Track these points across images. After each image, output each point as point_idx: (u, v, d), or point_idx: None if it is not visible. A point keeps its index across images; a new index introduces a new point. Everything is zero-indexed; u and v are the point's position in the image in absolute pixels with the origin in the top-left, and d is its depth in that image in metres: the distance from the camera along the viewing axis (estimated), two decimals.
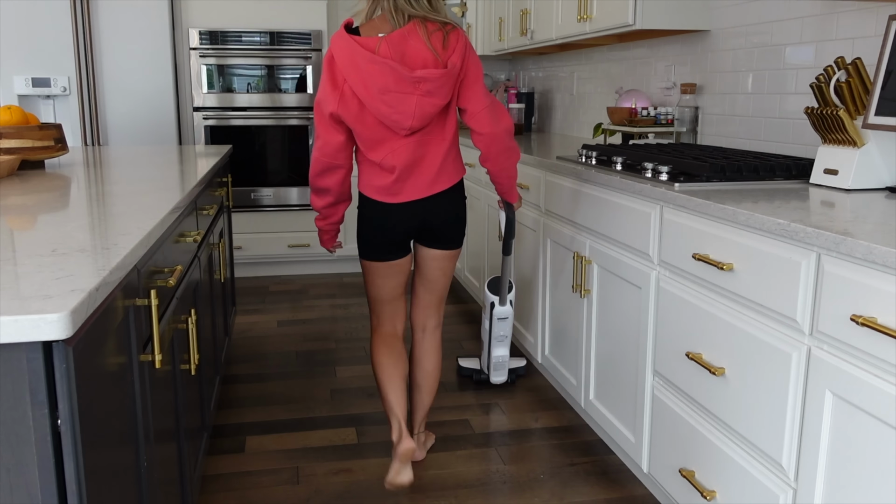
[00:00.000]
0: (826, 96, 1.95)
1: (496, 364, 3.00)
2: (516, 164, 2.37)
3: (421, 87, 1.96)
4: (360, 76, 1.95)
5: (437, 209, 2.15)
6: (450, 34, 2.02)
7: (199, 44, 4.33)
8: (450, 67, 1.99)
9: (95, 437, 1.04)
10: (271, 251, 4.69)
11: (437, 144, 2.09)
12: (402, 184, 2.09)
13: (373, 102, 1.97)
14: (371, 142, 2.06)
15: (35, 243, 1.24)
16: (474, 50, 2.22)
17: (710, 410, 1.81)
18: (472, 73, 2.06)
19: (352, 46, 1.95)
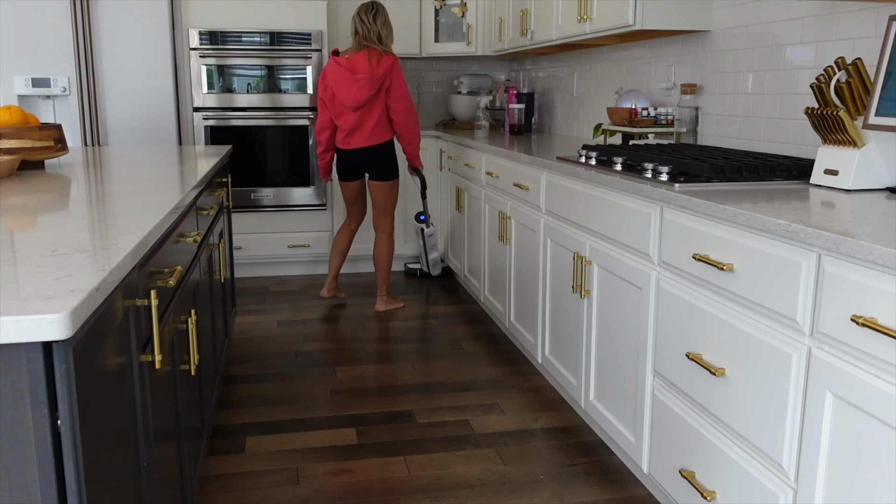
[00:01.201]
0: (826, 97, 1.95)
1: (433, 263, 4.58)
2: (417, 144, 3.87)
3: (357, 83, 3.63)
4: (333, 77, 3.71)
5: (369, 154, 3.80)
6: (382, 57, 3.63)
7: (199, 44, 4.33)
8: (375, 74, 3.60)
9: (95, 438, 1.04)
10: (271, 251, 4.68)
11: (370, 118, 3.72)
12: (350, 137, 3.78)
13: (337, 91, 3.70)
14: (336, 114, 3.80)
15: (35, 243, 1.24)
16: (401, 71, 3.78)
17: (710, 411, 1.81)
18: (395, 84, 3.66)
19: (332, 62, 3.73)
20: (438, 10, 4.97)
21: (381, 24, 3.66)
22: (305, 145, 4.58)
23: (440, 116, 5.50)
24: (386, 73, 3.59)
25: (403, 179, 4.77)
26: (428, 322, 3.86)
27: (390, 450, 2.50)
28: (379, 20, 3.69)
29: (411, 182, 4.81)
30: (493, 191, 3.59)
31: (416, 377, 3.12)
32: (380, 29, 3.64)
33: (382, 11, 3.72)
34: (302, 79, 4.52)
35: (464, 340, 3.58)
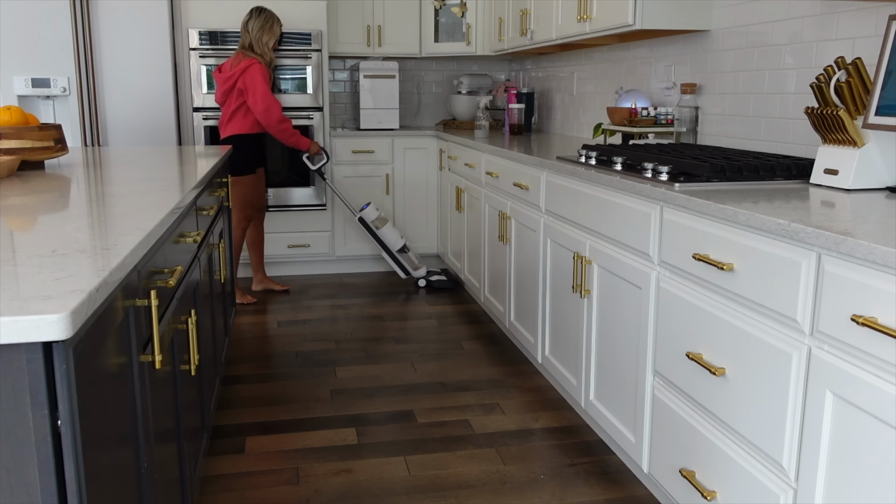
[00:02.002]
0: (826, 96, 1.95)
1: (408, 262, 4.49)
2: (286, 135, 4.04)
3: (219, 82, 4.02)
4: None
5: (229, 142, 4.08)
6: (242, 61, 3.93)
7: (198, 44, 4.33)
8: (229, 76, 3.94)
9: (95, 438, 1.04)
10: (271, 251, 4.69)
11: (226, 114, 4.05)
12: (222, 127, 4.10)
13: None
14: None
15: (35, 244, 1.24)
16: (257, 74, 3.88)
17: (710, 411, 1.81)
18: (249, 87, 3.91)
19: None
20: (438, 9, 4.97)
21: (254, 31, 3.96)
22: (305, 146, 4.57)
23: (440, 116, 5.50)
24: (237, 75, 3.90)
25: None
26: (428, 322, 3.86)
27: (390, 450, 2.50)
28: (254, 27, 3.98)
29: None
30: (493, 191, 3.59)
31: (416, 377, 3.12)
32: (252, 36, 3.97)
33: (258, 18, 3.98)
34: (302, 79, 4.52)
35: (464, 340, 3.58)
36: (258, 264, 4.37)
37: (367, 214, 4.36)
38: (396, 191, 4.83)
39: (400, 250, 4.42)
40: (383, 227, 4.38)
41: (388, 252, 4.42)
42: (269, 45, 4.01)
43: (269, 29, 3.99)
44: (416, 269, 4.49)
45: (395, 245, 4.41)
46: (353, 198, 4.78)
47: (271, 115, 3.91)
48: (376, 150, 4.75)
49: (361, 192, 4.78)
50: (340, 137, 4.70)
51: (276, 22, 4.02)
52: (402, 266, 4.46)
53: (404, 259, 4.48)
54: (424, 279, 4.50)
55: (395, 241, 4.40)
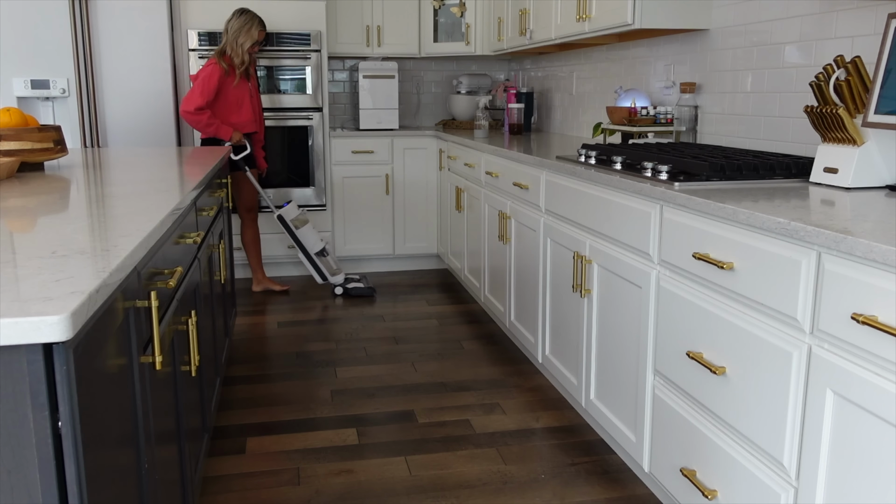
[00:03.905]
0: (825, 95, 1.95)
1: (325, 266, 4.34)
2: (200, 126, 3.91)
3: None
4: None
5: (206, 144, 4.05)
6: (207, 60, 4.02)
7: (198, 45, 4.33)
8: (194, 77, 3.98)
9: (96, 439, 1.04)
10: (271, 252, 4.68)
11: None
12: None
13: None
14: None
15: (35, 245, 1.24)
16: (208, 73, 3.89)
17: (710, 409, 1.81)
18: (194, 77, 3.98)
19: None
20: (437, 9, 4.97)
21: (231, 32, 3.97)
22: (305, 146, 4.58)
23: (440, 116, 5.50)
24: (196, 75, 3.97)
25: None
26: (428, 322, 3.86)
27: (391, 450, 2.50)
28: (232, 28, 3.98)
29: None
30: (493, 190, 3.59)
31: (416, 377, 3.12)
32: (228, 36, 3.98)
33: (237, 19, 3.98)
34: (301, 79, 4.52)
35: (464, 340, 3.58)
36: (256, 265, 4.38)
37: (287, 212, 4.20)
38: (396, 191, 4.83)
39: (318, 253, 4.26)
40: (303, 228, 4.22)
41: (305, 254, 4.27)
42: (244, 47, 3.97)
43: (248, 31, 3.97)
44: (333, 274, 4.33)
45: (313, 247, 4.24)
46: (353, 199, 4.78)
47: (185, 104, 3.85)
48: (376, 151, 4.75)
49: (361, 192, 4.78)
50: (340, 138, 4.70)
51: (257, 25, 3.99)
52: (319, 270, 4.29)
53: (322, 263, 4.31)
54: (341, 286, 4.33)
55: (313, 244, 4.24)
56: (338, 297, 4.32)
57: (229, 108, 4.00)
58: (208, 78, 3.89)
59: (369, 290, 4.32)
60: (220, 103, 3.97)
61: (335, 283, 4.33)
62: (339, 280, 4.33)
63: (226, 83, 3.95)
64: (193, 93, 3.87)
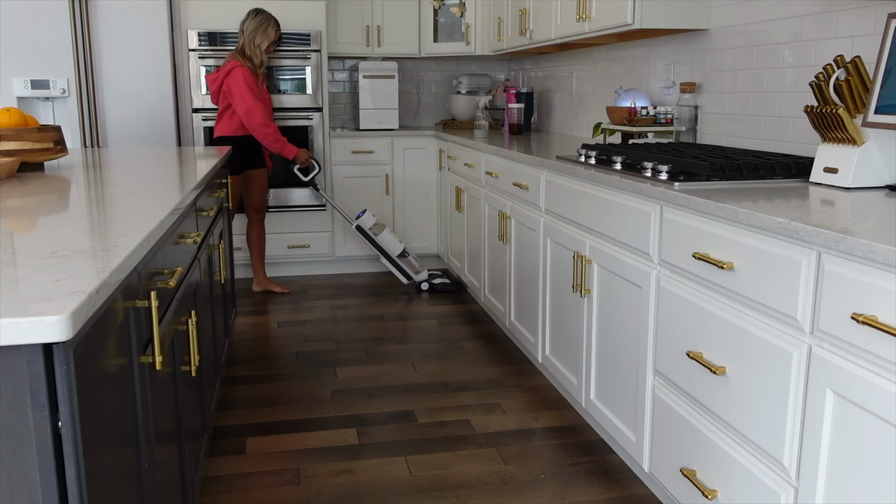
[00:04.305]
0: (825, 95, 1.95)
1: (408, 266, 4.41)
2: (269, 140, 4.00)
3: (209, 83, 4.06)
4: None
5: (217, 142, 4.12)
6: (228, 63, 3.96)
7: (197, 45, 4.33)
8: (216, 77, 3.99)
9: (96, 439, 1.04)
10: (271, 252, 4.68)
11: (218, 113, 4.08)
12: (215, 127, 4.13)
13: None
14: None
15: (35, 245, 1.24)
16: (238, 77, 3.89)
17: (710, 409, 1.81)
18: (231, 91, 3.93)
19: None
20: (437, 9, 4.97)
21: (248, 32, 3.99)
22: (305, 146, 4.58)
23: (439, 116, 5.50)
24: (222, 77, 3.96)
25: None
26: (428, 322, 3.86)
27: (391, 450, 2.50)
28: (248, 28, 3.99)
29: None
30: (493, 190, 3.59)
31: (416, 377, 3.12)
32: (245, 37, 4.00)
33: (253, 19, 3.99)
34: (301, 79, 4.52)
35: (464, 340, 3.58)
36: (258, 265, 4.37)
37: (365, 221, 4.32)
38: (396, 191, 4.83)
39: (400, 255, 4.38)
40: (382, 234, 4.33)
41: (388, 258, 4.38)
42: (261, 48, 4.00)
43: (264, 31, 3.99)
44: (417, 272, 4.43)
45: (394, 250, 4.36)
46: (353, 199, 4.78)
47: (253, 119, 3.92)
48: (376, 151, 4.75)
49: (361, 192, 4.78)
50: (340, 138, 4.70)
51: (273, 25, 4.01)
52: (404, 271, 4.41)
53: (405, 263, 4.42)
54: (427, 282, 4.44)
55: (394, 247, 4.36)
56: (423, 292, 4.42)
57: None
58: (247, 83, 3.89)
59: (455, 286, 4.41)
60: None
61: (420, 280, 4.44)
62: (423, 277, 4.44)
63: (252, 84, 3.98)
64: (247, 103, 3.88)
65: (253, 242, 4.33)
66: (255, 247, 4.34)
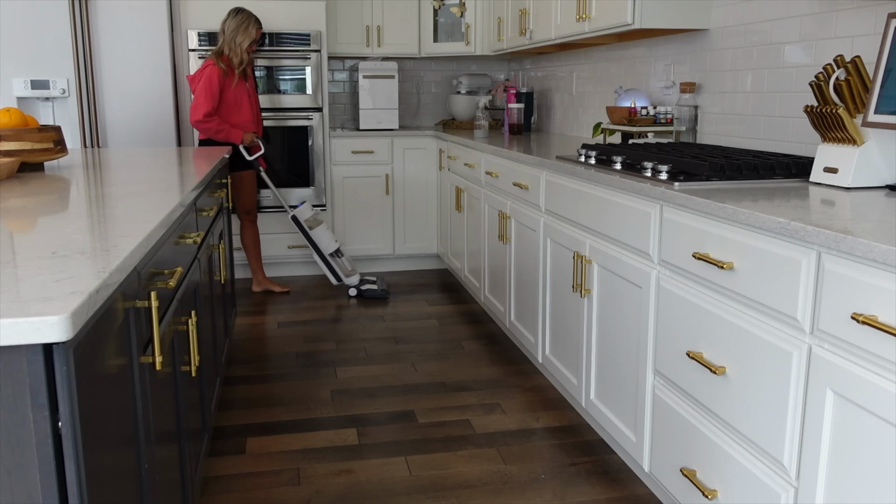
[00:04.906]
0: (825, 95, 1.95)
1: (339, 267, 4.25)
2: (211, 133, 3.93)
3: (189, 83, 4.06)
4: None
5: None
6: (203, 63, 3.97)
7: (197, 45, 4.33)
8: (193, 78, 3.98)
9: (96, 439, 1.04)
10: (271, 252, 4.68)
11: None
12: None
13: None
14: None
15: (35, 245, 1.24)
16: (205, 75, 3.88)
17: (711, 409, 1.81)
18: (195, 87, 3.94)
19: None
20: (437, 9, 4.97)
21: (229, 31, 3.96)
22: (305, 146, 4.58)
23: (439, 116, 5.50)
24: (197, 77, 3.95)
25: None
26: (428, 322, 3.86)
27: (391, 450, 2.50)
28: (229, 27, 3.97)
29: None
30: (493, 190, 3.59)
31: (416, 377, 3.12)
32: (226, 36, 3.98)
33: (234, 18, 3.97)
34: (301, 79, 4.52)
35: (464, 340, 3.58)
36: (256, 266, 4.37)
37: (301, 213, 4.19)
38: (396, 191, 4.84)
39: (333, 254, 4.22)
40: (317, 228, 4.19)
41: (319, 255, 4.24)
42: (242, 46, 3.96)
43: (245, 30, 3.96)
44: (348, 275, 4.27)
45: (327, 248, 4.20)
46: (353, 199, 4.78)
47: (194, 113, 3.87)
48: (376, 151, 4.75)
49: (361, 192, 4.78)
50: (340, 138, 4.70)
51: (254, 23, 3.99)
52: (334, 271, 4.25)
53: (337, 264, 4.26)
54: (356, 288, 4.29)
55: (327, 244, 4.20)
56: (351, 298, 4.28)
57: (228, 110, 3.99)
58: (209, 81, 3.87)
59: (383, 293, 4.28)
60: (220, 105, 3.96)
61: (349, 285, 4.30)
62: (353, 281, 4.29)
63: (225, 84, 3.94)
64: (198, 99, 3.87)
65: (248, 244, 4.32)
66: (251, 248, 4.34)
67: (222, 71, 3.91)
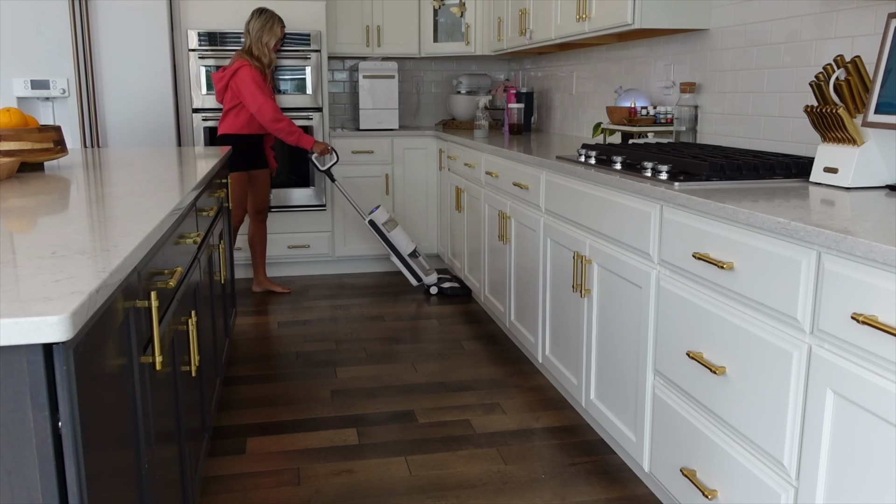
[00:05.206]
0: (825, 95, 1.95)
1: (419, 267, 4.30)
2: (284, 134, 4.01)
3: (215, 81, 4.05)
4: None
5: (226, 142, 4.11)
6: (234, 62, 3.98)
7: (197, 45, 4.33)
8: (223, 76, 3.99)
9: (96, 439, 1.04)
10: (271, 252, 4.68)
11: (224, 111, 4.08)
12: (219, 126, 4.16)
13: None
14: None
15: (35, 245, 1.24)
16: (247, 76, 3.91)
17: (711, 409, 1.81)
18: (240, 89, 3.93)
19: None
20: (437, 9, 4.97)
21: (254, 32, 4.00)
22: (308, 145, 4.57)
23: (439, 116, 5.50)
24: (228, 76, 3.97)
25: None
26: (428, 322, 3.86)
27: (391, 450, 2.50)
28: (254, 28, 4.00)
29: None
30: (493, 190, 3.59)
31: (416, 377, 3.12)
32: (252, 37, 4.01)
33: (258, 19, 4.00)
34: (301, 79, 4.52)
35: (464, 340, 3.58)
36: (258, 265, 4.37)
37: (378, 217, 4.25)
38: (396, 191, 4.84)
39: (411, 254, 4.28)
40: (394, 231, 4.25)
41: (399, 256, 4.29)
42: (269, 46, 4.01)
43: (270, 29, 3.99)
44: (427, 274, 4.33)
45: (405, 249, 4.27)
46: (355, 198, 4.78)
47: (265, 115, 3.92)
48: (376, 151, 4.75)
49: (361, 192, 4.78)
50: (340, 138, 4.70)
51: (278, 22, 4.02)
52: (413, 271, 4.32)
53: (415, 264, 4.31)
54: (436, 286, 4.34)
55: (405, 245, 4.27)
56: (432, 296, 4.32)
57: None
58: (255, 80, 3.90)
59: (465, 290, 4.30)
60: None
61: (429, 284, 4.34)
62: (432, 280, 4.33)
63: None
64: (257, 99, 3.88)
65: (256, 244, 4.32)
66: (258, 247, 4.33)
67: (258, 69, 3.96)
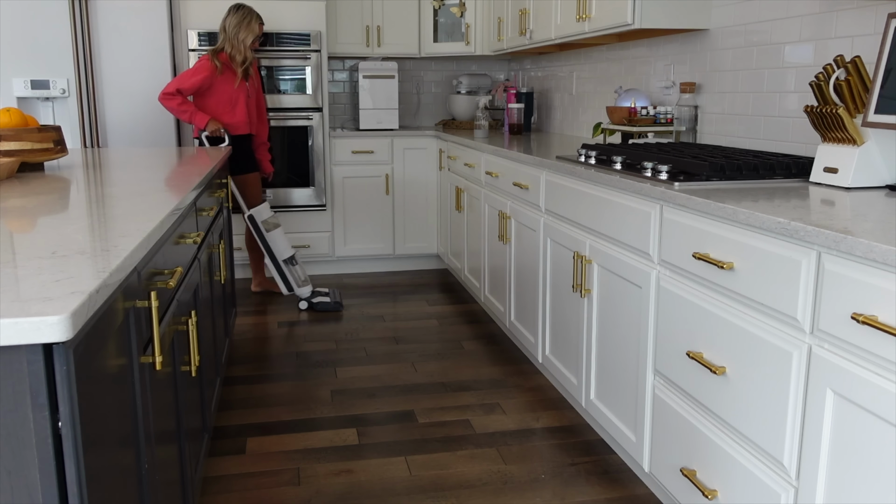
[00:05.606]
0: (825, 95, 1.95)
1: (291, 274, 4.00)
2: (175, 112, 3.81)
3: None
4: None
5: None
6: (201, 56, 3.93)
7: (197, 45, 4.33)
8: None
9: (96, 439, 1.04)
10: None
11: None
12: None
13: None
14: None
15: (35, 245, 1.24)
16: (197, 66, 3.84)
17: (711, 409, 1.81)
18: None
19: None
20: (437, 9, 4.97)
21: (231, 28, 3.88)
22: (305, 146, 4.58)
23: (440, 116, 5.50)
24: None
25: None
26: (428, 322, 3.86)
27: (391, 450, 2.50)
28: (230, 24, 3.89)
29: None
30: (493, 190, 3.59)
31: (416, 377, 3.12)
32: (228, 34, 3.89)
33: (234, 15, 3.90)
34: (301, 79, 4.52)
35: (464, 340, 3.58)
36: (257, 266, 4.37)
37: (259, 213, 3.94)
38: (396, 191, 4.84)
39: (287, 261, 3.97)
40: (273, 231, 3.94)
41: (273, 260, 3.97)
42: (245, 43, 3.87)
43: (247, 26, 3.85)
44: (301, 285, 4.02)
45: (282, 253, 3.94)
46: (353, 199, 4.78)
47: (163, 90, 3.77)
48: (376, 151, 4.75)
49: (361, 192, 4.78)
50: (340, 138, 4.70)
51: (256, 19, 3.90)
52: (286, 279, 3.99)
53: (290, 272, 3.99)
54: (306, 300, 4.05)
55: (283, 250, 3.94)
56: (301, 311, 4.04)
57: (222, 108, 3.90)
58: (195, 69, 3.80)
59: (336, 306, 4.03)
60: (213, 102, 3.88)
61: (301, 296, 4.05)
62: (305, 293, 4.03)
63: (219, 82, 3.86)
64: (173, 80, 3.80)
65: (251, 245, 4.31)
66: (254, 249, 4.33)
67: (215, 68, 3.82)
